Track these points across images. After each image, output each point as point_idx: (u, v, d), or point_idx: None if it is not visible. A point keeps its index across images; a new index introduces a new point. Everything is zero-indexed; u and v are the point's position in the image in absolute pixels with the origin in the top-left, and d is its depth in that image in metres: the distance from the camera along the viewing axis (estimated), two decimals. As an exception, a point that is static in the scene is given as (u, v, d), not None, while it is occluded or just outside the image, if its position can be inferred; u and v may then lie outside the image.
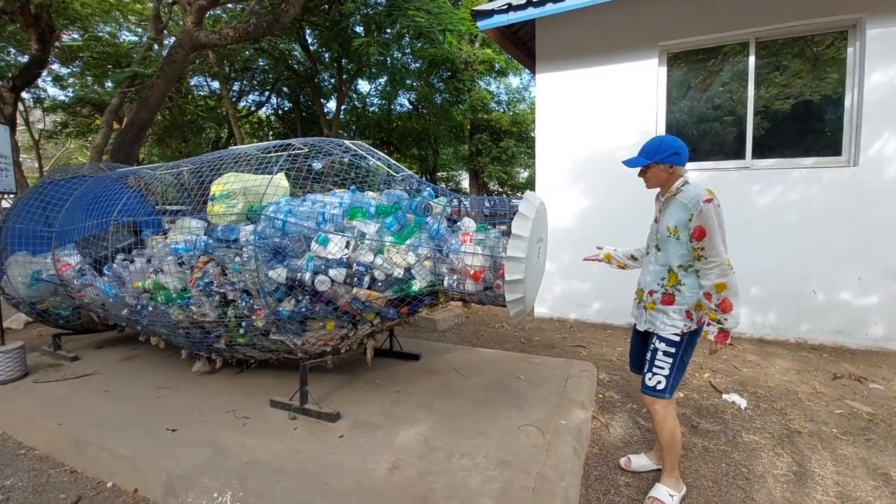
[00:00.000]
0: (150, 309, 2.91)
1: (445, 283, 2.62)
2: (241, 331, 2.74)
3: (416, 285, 2.60)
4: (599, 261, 2.55)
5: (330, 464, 2.25)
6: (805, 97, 4.07)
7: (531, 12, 4.45)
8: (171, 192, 3.65)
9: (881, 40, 3.55)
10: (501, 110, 13.59)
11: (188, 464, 2.26)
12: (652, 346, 2.05)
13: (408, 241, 2.60)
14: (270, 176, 2.88)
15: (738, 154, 4.24)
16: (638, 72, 4.43)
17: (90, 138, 18.74)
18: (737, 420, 2.81)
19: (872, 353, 3.82)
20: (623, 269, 2.49)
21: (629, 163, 2.11)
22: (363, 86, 17.37)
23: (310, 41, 12.97)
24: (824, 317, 3.99)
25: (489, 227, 2.75)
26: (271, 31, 6.10)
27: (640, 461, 2.32)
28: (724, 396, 3.08)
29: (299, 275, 2.50)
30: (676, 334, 1.98)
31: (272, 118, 17.94)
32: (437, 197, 2.94)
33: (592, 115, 4.69)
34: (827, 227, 3.91)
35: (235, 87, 15.32)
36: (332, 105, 15.98)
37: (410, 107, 16.77)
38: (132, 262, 2.90)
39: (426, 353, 3.75)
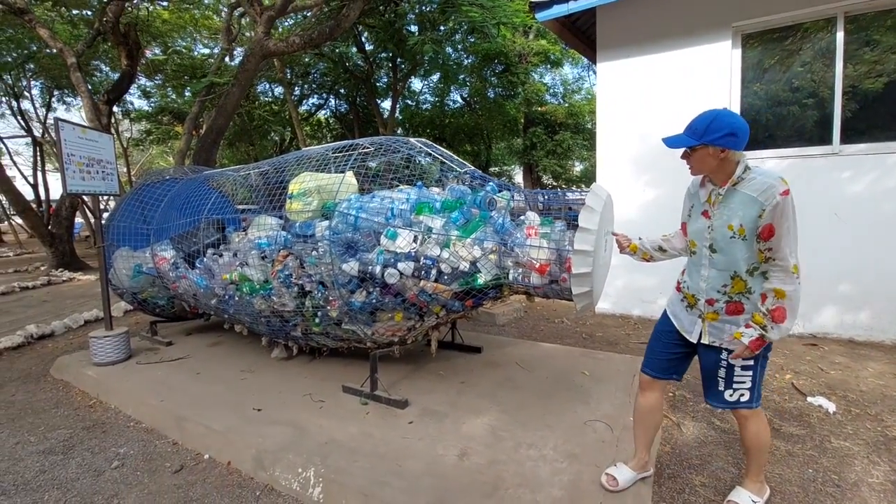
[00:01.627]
0: (237, 299, 3.17)
1: (510, 277, 2.65)
2: (317, 320, 2.92)
3: (482, 278, 2.66)
4: (624, 251, 2.20)
5: (401, 447, 2.37)
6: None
7: (592, 0, 4.34)
8: (243, 192, 3.94)
9: None
10: (557, 102, 13.30)
11: (274, 441, 2.46)
12: (723, 362, 1.78)
13: (473, 235, 2.66)
14: (342, 175, 3.05)
15: (824, 139, 3.91)
16: (708, 55, 4.20)
17: (170, 144, 20.50)
18: (824, 425, 2.62)
19: None
20: (649, 261, 2.17)
21: (670, 141, 1.79)
22: (416, 84, 17.67)
23: (365, 43, 13.37)
24: (928, 317, 3.60)
25: (553, 220, 2.75)
26: (333, 36, 6.38)
27: (624, 475, 1.99)
28: (809, 399, 2.88)
29: (370, 268, 2.63)
30: None
31: (330, 120, 18.66)
32: (500, 191, 2.98)
33: (658, 104, 4.50)
34: (932, 218, 3.52)
35: (297, 92, 16.12)
36: (386, 104, 16.41)
37: (463, 103, 16.82)
38: (221, 256, 3.18)
39: (487, 347, 3.79)
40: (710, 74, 4.21)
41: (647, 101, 4.56)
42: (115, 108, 12.32)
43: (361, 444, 2.40)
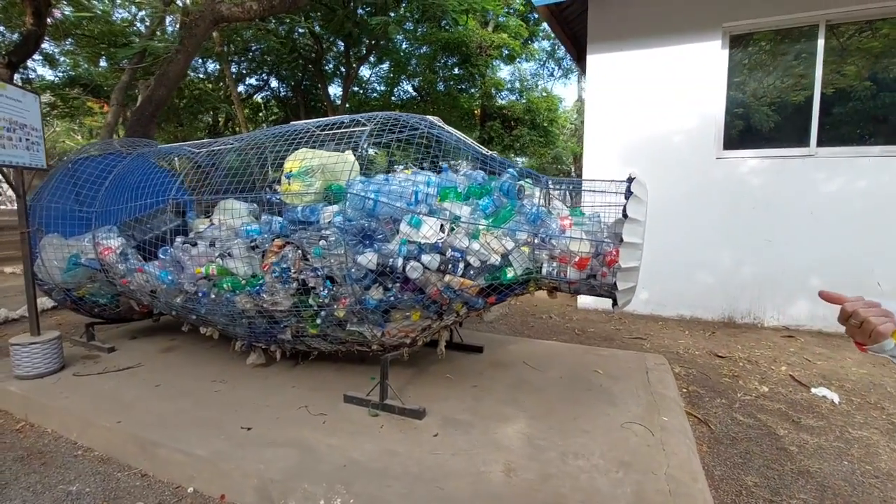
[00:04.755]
0: (212, 296, 2.67)
1: (544, 271, 2.44)
2: (318, 321, 2.52)
3: (511, 273, 2.42)
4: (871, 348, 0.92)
5: (435, 465, 2.07)
6: (874, 84, 3.95)
7: (586, -11, 4.24)
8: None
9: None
10: (514, 98, 13.34)
11: (278, 466, 2.06)
12: None
13: (505, 225, 2.41)
14: (339, 154, 2.65)
15: (802, 141, 4.11)
16: (699, 53, 4.26)
17: (79, 120, 17.97)
18: (836, 415, 2.69)
19: (939, 345, 3.75)
20: None
21: None
22: (364, 71, 16.94)
23: (314, 23, 12.51)
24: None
25: (582, 211, 2.58)
26: (297, 4, 5.78)
27: None
28: (814, 391, 2.97)
29: (391, 260, 2.29)
30: None
31: (270, 102, 17.41)
32: (520, 179, 2.75)
33: (647, 98, 4.52)
34: (894, 217, 3.81)
35: (233, 70, 14.76)
36: (333, 90, 15.56)
37: (414, 93, 16.39)
38: (194, 245, 2.65)
39: (486, 346, 3.57)
40: (700, 72, 4.28)
41: (637, 94, 4.56)
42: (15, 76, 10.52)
43: (388, 465, 2.07)
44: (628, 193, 2.36)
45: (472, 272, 2.40)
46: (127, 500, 2.03)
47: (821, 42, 3.94)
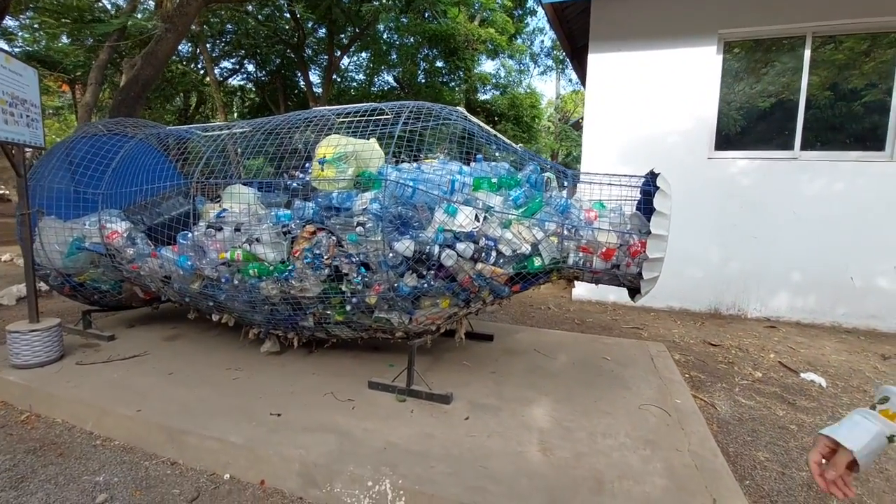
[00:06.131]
0: (235, 283, 2.62)
1: (570, 261, 2.54)
2: (348, 307, 2.53)
3: (539, 261, 2.50)
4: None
5: (474, 447, 2.13)
6: (855, 94, 4.26)
7: (590, -11, 4.35)
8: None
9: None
10: (499, 93, 13.43)
11: (318, 451, 2.07)
12: None
13: (536, 216, 2.48)
14: (365, 141, 2.65)
15: (787, 145, 4.39)
16: (695, 58, 4.46)
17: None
18: (825, 397, 2.93)
19: (904, 335, 4.12)
20: None
21: None
22: (343, 60, 16.64)
23: (296, 8, 12.19)
24: (860, 302, 4.25)
25: (604, 204, 2.68)
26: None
27: None
28: (803, 375, 3.21)
29: (427, 248, 2.33)
30: None
31: (248, 87, 16.85)
32: (542, 171, 2.83)
33: (645, 99, 4.69)
34: (868, 218, 4.14)
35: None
36: (312, 77, 15.21)
37: (395, 85, 16.24)
38: (219, 229, 2.59)
39: (494, 334, 3.65)
40: (695, 76, 4.48)
41: (634, 94, 4.73)
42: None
43: (428, 447, 2.12)
44: (646, 187, 2.49)
45: (501, 260, 2.47)
46: (161, 488, 2.00)
47: (807, 52, 4.21)
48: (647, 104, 4.70)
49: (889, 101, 4.09)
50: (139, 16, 5.94)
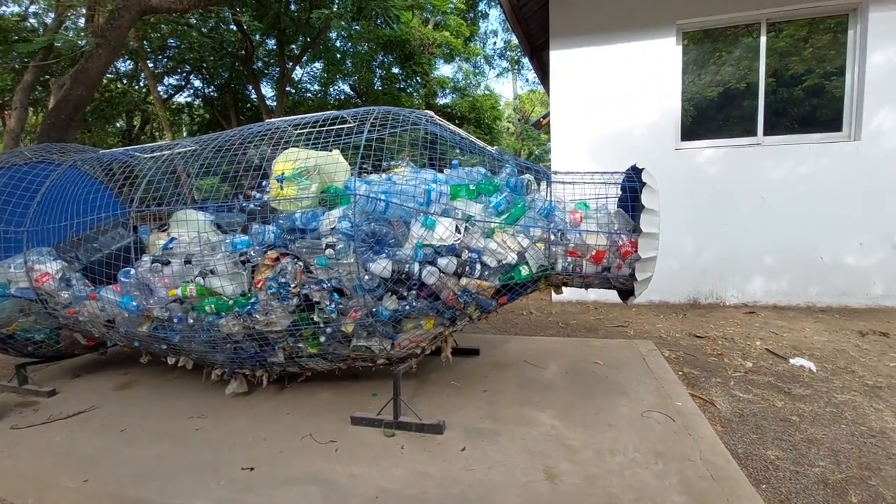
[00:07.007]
0: (190, 322, 2.32)
1: (559, 267, 2.39)
2: (322, 338, 2.28)
3: (526, 270, 2.34)
4: None
5: (476, 482, 1.94)
6: (810, 77, 4.35)
7: (547, -15, 4.28)
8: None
9: (883, 23, 3.87)
10: (458, 96, 13.36)
11: (301, 508, 1.82)
12: None
13: (519, 222, 2.32)
14: (327, 153, 2.42)
15: (751, 132, 4.44)
16: (655, 50, 4.46)
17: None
18: (818, 382, 2.90)
19: (874, 310, 4.22)
20: None
21: None
22: (296, 72, 16.18)
23: (243, 19, 11.70)
24: (830, 280, 4.33)
25: (587, 204, 2.56)
26: (236, -4, 5.30)
27: None
28: (792, 361, 3.19)
29: (406, 266, 2.12)
30: None
31: (196, 104, 16.08)
32: (520, 173, 2.68)
33: (609, 94, 4.66)
34: (832, 198, 4.23)
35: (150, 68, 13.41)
36: (263, 90, 14.66)
37: (353, 93, 15.91)
38: (166, 264, 2.29)
39: (479, 347, 3.47)
40: (657, 68, 4.48)
41: (599, 89, 4.69)
42: None
43: (425, 489, 1.90)
44: (629, 183, 2.38)
45: (487, 273, 2.29)
46: (116, 574, 1.69)
47: (763, 39, 4.28)
48: (611, 99, 4.67)
49: (843, 81, 4.20)
50: (69, 33, 5.44)
